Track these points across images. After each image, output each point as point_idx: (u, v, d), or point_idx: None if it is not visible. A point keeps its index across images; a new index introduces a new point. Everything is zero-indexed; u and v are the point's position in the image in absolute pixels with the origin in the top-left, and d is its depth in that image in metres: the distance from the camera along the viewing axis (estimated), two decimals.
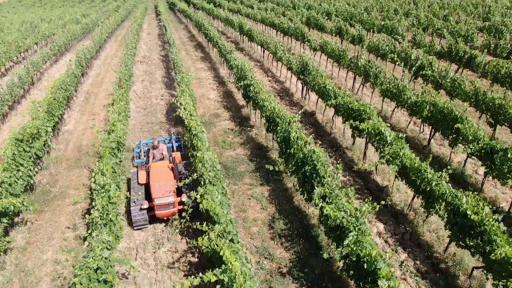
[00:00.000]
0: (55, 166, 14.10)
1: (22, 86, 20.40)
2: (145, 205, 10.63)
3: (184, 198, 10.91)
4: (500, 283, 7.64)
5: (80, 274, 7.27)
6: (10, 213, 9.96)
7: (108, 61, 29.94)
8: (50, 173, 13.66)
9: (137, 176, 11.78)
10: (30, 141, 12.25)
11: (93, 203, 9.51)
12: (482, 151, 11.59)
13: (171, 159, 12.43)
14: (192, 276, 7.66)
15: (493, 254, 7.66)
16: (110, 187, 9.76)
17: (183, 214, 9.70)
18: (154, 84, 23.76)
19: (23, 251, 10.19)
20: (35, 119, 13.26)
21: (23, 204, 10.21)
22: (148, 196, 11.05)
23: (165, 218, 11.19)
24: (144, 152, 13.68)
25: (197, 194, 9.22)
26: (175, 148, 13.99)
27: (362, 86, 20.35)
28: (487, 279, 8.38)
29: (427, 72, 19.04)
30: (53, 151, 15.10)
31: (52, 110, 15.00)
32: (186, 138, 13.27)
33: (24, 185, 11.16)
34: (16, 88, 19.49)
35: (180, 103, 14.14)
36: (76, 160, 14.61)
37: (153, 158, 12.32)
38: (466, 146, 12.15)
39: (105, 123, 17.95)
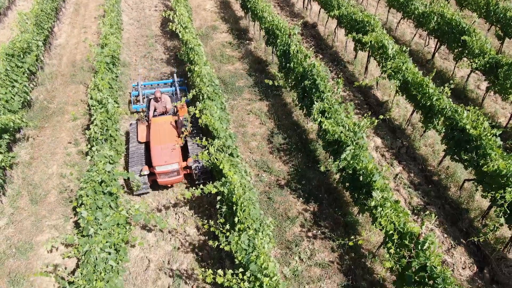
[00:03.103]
0: (50, 82, 13.84)
1: None
2: (145, 171, 9.11)
3: (190, 162, 9.33)
4: (489, 194, 7.97)
5: (85, 187, 7.54)
6: (11, 129, 10.01)
7: None
8: (46, 89, 13.46)
9: (137, 132, 10.23)
10: (22, 56, 11.85)
11: (92, 119, 9.52)
12: (487, 65, 11.29)
13: (175, 110, 10.78)
14: (193, 188, 7.97)
15: (485, 167, 7.87)
16: (107, 103, 9.68)
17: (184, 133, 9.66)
18: None
19: (29, 165, 10.46)
20: (24, 32, 12.67)
21: (22, 121, 10.21)
22: (149, 157, 9.56)
23: (170, 186, 9.85)
24: (143, 96, 11.91)
25: (196, 109, 9.18)
26: (178, 93, 12.21)
27: None
28: (477, 190, 8.73)
29: None
30: (47, 67, 14.71)
31: (41, 23, 14.27)
32: (182, 52, 12.83)
33: (21, 101, 11.05)
34: None
35: (173, 17, 13.38)
36: (72, 76, 14.30)
37: (154, 110, 10.55)
38: (471, 61, 11.81)
39: (98, 37, 17.22)
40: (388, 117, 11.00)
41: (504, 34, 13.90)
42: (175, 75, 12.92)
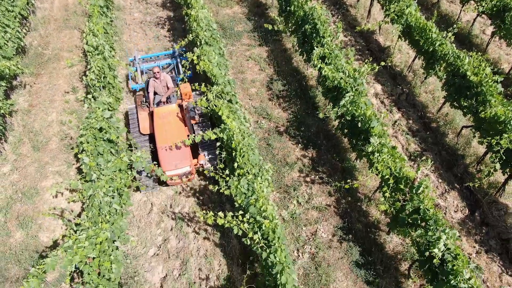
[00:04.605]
0: (43, 27, 13.43)
1: None
2: (153, 172, 8.19)
3: (202, 160, 8.40)
4: (485, 140, 8.06)
5: (85, 134, 7.60)
6: (7, 76, 9.89)
7: None
8: (40, 35, 13.10)
9: (138, 121, 9.09)
10: (11, 0, 11.41)
11: (89, 66, 9.37)
12: (494, 8, 10.90)
13: (178, 92, 9.51)
14: (193, 135, 8.04)
15: (483, 113, 7.90)
16: (104, 49, 9.49)
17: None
18: None
19: (28, 113, 10.45)
20: None
21: (18, 67, 10.06)
22: (155, 146, 8.69)
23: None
24: (141, 72, 10.70)
25: (193, 55, 9.01)
26: (180, 67, 10.57)
27: None
28: (474, 137, 8.82)
29: None
30: (39, 11, 14.19)
31: None
32: None
33: (15, 47, 10.80)
34: None
35: None
36: (65, 20, 13.84)
37: (154, 94, 9.24)
38: (478, 4, 11.39)
39: None
40: (389, 63, 10.83)
41: None
42: (175, 45, 11.24)
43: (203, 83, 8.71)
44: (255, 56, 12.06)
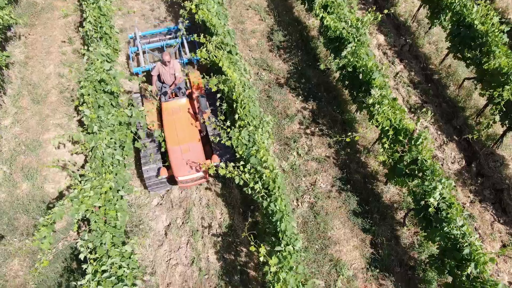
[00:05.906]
0: None
1: None
2: (164, 175, 7.56)
3: (216, 161, 7.56)
4: (487, 92, 8.03)
5: (86, 86, 7.54)
6: (1, 26, 9.63)
7: None
8: None
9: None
10: None
11: (84, 16, 9.10)
12: None
13: (186, 83, 8.75)
14: (193, 96, 7.98)
15: (487, 64, 7.80)
16: None
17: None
18: None
19: (25, 65, 10.30)
20: None
21: (11, 17, 9.77)
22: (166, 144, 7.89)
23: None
24: (143, 51, 9.92)
25: (191, 4, 8.74)
26: (186, 47, 9.79)
27: None
28: (476, 88, 8.77)
29: None
30: None
31: None
32: None
33: None
34: None
35: None
36: None
37: (158, 80, 8.50)
38: None
39: None
40: (392, 12, 10.52)
41: None
42: (180, 21, 10.04)
43: (202, 34, 8.52)
44: (255, 5, 11.68)
